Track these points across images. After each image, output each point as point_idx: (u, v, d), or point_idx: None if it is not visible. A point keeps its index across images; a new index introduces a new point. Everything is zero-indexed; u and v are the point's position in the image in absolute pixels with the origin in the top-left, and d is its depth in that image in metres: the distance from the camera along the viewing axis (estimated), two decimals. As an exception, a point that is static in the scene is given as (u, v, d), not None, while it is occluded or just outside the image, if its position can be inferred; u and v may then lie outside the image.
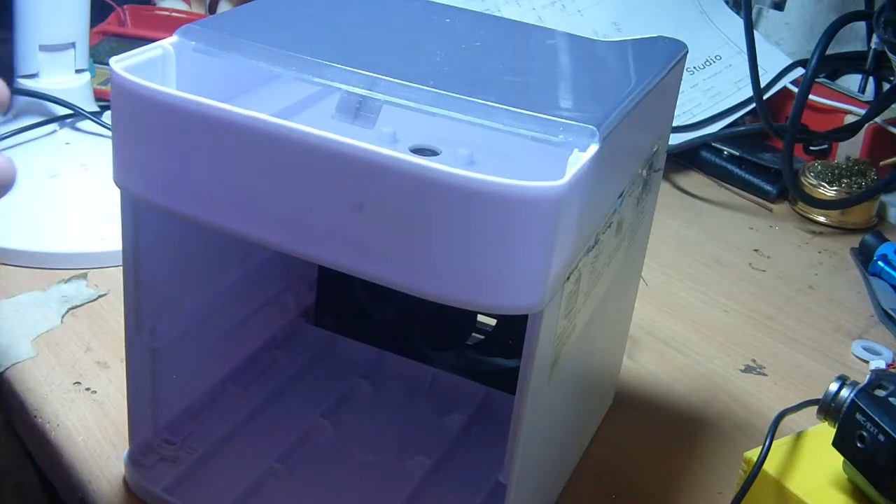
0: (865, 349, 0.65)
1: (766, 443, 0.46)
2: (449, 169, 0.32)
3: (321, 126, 0.34)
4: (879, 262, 0.73)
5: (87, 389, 0.54)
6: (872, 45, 0.89)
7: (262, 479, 0.48)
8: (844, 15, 0.80)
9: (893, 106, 0.83)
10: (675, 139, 0.88)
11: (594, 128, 0.35)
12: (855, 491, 0.45)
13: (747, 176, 0.87)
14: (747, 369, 0.62)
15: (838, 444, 0.44)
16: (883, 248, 0.74)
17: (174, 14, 0.99)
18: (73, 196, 0.68)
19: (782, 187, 0.85)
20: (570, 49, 0.46)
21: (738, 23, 0.96)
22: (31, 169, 0.69)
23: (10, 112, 0.74)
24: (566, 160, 0.34)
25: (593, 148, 0.35)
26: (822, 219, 0.83)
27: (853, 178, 0.82)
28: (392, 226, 0.34)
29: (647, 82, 0.42)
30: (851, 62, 0.93)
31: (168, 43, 0.40)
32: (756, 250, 0.77)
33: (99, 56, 0.86)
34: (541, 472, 0.44)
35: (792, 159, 0.80)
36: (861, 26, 0.93)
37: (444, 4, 0.48)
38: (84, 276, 0.63)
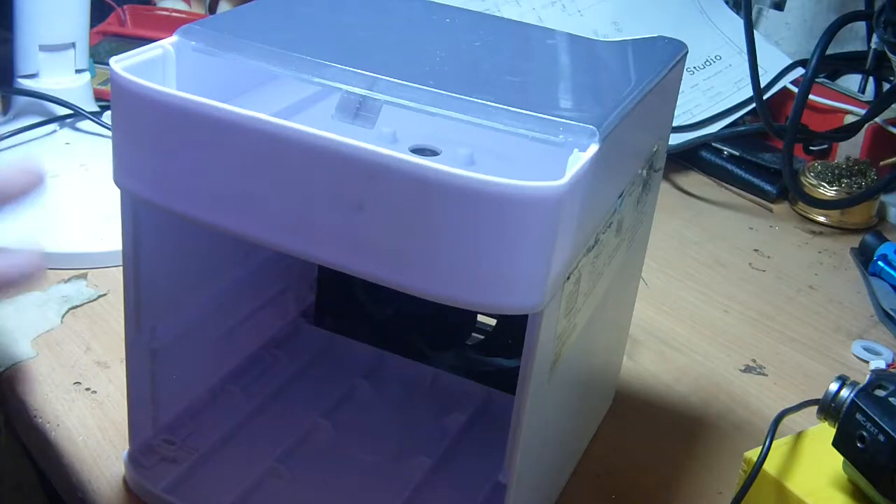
0: (865, 349, 0.65)
1: (766, 443, 0.46)
2: (449, 169, 0.32)
3: (321, 126, 0.34)
4: (879, 262, 0.73)
5: (87, 389, 0.54)
6: (872, 45, 0.89)
7: (262, 479, 0.47)
8: (844, 15, 0.80)
9: (893, 106, 0.83)
10: (675, 139, 0.88)
11: (594, 128, 0.35)
12: (855, 491, 0.45)
13: (747, 176, 0.87)
14: (747, 369, 0.62)
15: (838, 444, 0.44)
16: (883, 248, 0.74)
17: (174, 14, 0.99)
18: (73, 196, 0.68)
19: (782, 187, 0.85)
20: (570, 49, 0.46)
21: (738, 23, 0.96)
22: (31, 169, 0.69)
23: (9, 112, 0.74)
24: (566, 160, 0.34)
25: (593, 148, 0.35)
26: (822, 219, 0.83)
27: (853, 178, 0.82)
28: (392, 226, 0.34)
29: (647, 82, 0.42)
30: (851, 62, 0.93)
31: (168, 43, 0.40)
32: (756, 250, 0.77)
33: (99, 56, 0.86)
34: (541, 472, 0.44)
35: (792, 159, 0.80)
36: (861, 26, 0.93)
37: (444, 4, 0.48)
38: (84, 276, 0.63)
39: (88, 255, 0.64)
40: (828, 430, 0.46)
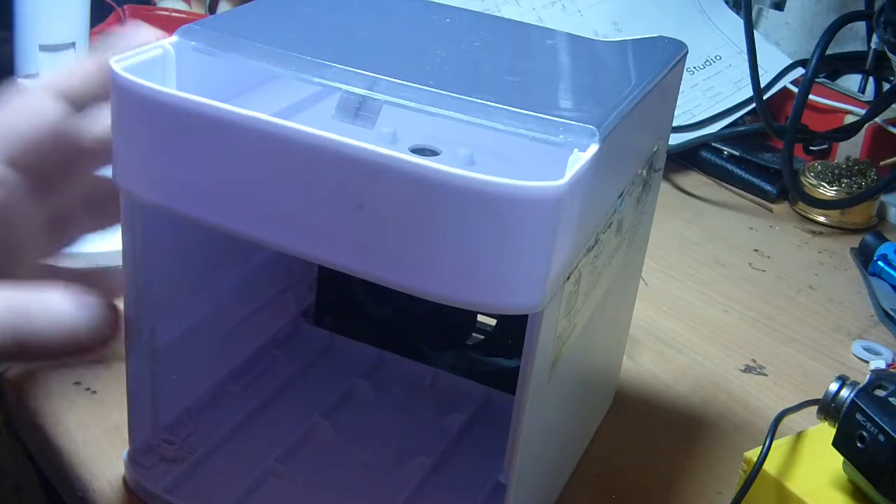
0: (865, 349, 0.65)
1: (766, 443, 0.46)
2: (449, 169, 0.32)
3: (321, 126, 0.34)
4: (879, 262, 0.73)
5: (87, 389, 0.53)
6: (872, 45, 0.89)
7: (262, 479, 0.47)
8: (844, 15, 0.80)
9: (893, 106, 0.83)
10: (675, 139, 0.88)
11: (594, 128, 0.35)
12: (855, 491, 0.45)
13: (747, 176, 0.87)
14: (747, 369, 0.62)
15: (838, 444, 0.44)
16: (883, 248, 0.74)
17: (174, 14, 0.99)
18: (73, 196, 0.68)
19: (782, 187, 0.85)
20: (570, 49, 0.46)
21: (738, 23, 0.96)
22: (31, 169, 0.69)
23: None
24: (566, 160, 0.34)
25: (593, 148, 0.35)
26: (822, 219, 0.83)
27: (853, 178, 0.82)
28: (392, 226, 0.34)
29: (647, 82, 0.42)
30: (851, 62, 0.94)
31: (168, 43, 0.40)
32: (756, 250, 0.77)
33: (99, 56, 0.86)
34: (541, 472, 0.44)
35: (792, 159, 0.80)
36: (861, 26, 0.93)
37: (444, 4, 0.48)
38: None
39: (89, 255, 0.64)
40: (828, 430, 0.46)
